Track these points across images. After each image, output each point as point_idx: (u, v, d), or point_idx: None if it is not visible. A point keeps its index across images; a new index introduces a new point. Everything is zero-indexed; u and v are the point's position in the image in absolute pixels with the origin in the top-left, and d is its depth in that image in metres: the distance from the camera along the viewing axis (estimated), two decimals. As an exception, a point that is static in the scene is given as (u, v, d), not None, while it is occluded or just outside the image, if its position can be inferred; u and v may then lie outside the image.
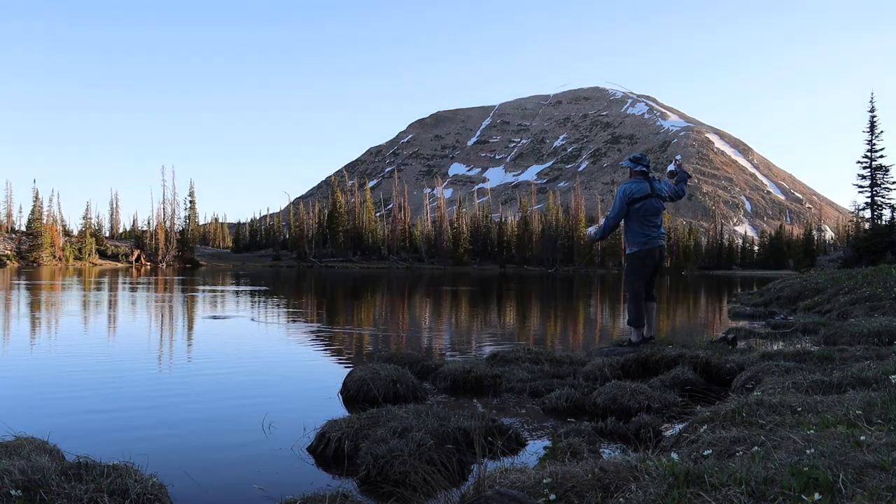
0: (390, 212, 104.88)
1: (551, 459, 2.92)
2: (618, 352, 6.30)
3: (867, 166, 38.07)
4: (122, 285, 25.77)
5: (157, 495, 2.57)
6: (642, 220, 6.59)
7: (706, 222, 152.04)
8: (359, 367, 5.22)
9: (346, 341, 8.82)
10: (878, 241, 31.64)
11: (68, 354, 7.21)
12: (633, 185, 6.58)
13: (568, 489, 2.26)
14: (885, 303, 10.64)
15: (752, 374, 4.85)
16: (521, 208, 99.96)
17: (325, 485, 2.96)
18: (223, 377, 5.97)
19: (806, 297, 15.07)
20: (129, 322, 11.29)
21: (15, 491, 2.37)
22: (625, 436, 3.83)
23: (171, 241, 79.67)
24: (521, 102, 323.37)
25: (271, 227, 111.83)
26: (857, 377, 3.92)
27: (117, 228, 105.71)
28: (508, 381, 5.45)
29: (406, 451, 3.16)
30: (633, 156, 6.79)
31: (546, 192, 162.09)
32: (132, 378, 5.82)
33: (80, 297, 17.85)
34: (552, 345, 8.74)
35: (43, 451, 2.94)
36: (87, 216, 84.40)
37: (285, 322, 11.31)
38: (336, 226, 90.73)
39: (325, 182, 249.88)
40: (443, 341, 9.09)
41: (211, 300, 17.17)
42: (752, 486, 1.98)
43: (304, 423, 4.03)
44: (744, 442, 2.68)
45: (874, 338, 6.66)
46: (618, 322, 12.48)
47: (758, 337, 8.32)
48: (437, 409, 3.88)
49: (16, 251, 68.42)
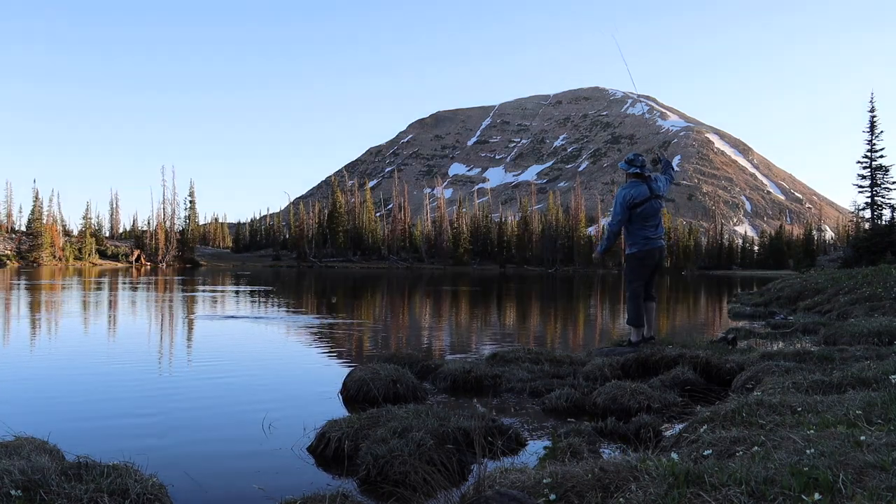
0: (390, 212, 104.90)
1: (551, 459, 2.92)
2: (618, 352, 6.30)
3: (867, 166, 38.09)
4: (122, 285, 25.77)
5: (157, 495, 2.57)
6: (643, 221, 6.59)
7: (706, 222, 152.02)
8: (359, 367, 5.23)
9: (347, 341, 8.82)
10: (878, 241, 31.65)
11: (68, 355, 7.21)
12: (633, 190, 6.56)
13: (568, 489, 2.26)
14: (885, 303, 10.63)
15: (752, 374, 4.85)
16: (521, 208, 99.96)
17: (325, 485, 2.96)
18: (223, 377, 5.97)
19: (806, 297, 15.07)
20: (129, 322, 11.29)
21: (15, 491, 2.37)
22: (625, 436, 3.83)
23: (171, 241, 79.68)
24: (521, 102, 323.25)
25: (271, 227, 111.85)
26: (857, 377, 3.92)
27: (117, 228, 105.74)
28: (508, 381, 5.45)
29: (406, 451, 3.16)
30: (627, 157, 6.76)
31: (546, 192, 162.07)
32: (132, 378, 5.82)
33: (80, 297, 17.85)
34: (552, 345, 8.74)
35: (43, 451, 2.94)
36: (87, 216, 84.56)
37: (285, 322, 11.31)
38: (336, 226, 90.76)
39: (325, 182, 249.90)
40: (443, 341, 9.09)
41: (211, 300, 17.17)
42: (752, 486, 1.98)
43: (304, 423, 4.03)
44: (744, 442, 2.68)
45: (874, 338, 6.65)
46: (618, 322, 12.49)
47: (758, 337, 8.32)
48: (437, 409, 3.88)
49: (16, 251, 68.43)
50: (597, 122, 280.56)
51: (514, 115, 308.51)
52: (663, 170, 7.09)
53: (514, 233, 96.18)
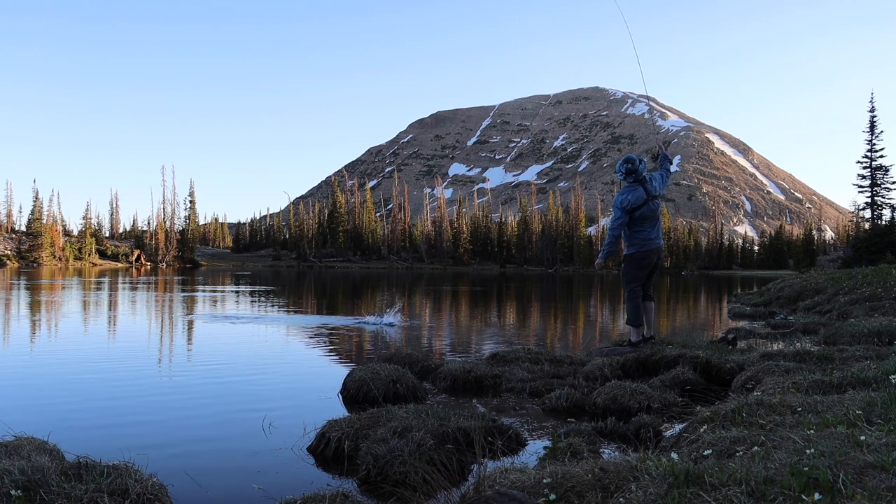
0: (390, 212, 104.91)
1: (551, 459, 2.92)
2: (618, 352, 6.31)
3: (867, 166, 38.12)
4: (122, 286, 25.77)
5: (157, 495, 2.57)
6: (641, 223, 6.59)
7: (706, 222, 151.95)
8: (359, 367, 5.22)
9: (346, 341, 8.82)
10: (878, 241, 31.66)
11: (68, 355, 7.21)
12: (630, 195, 6.54)
13: (568, 489, 2.26)
14: (885, 303, 10.64)
15: (752, 374, 4.85)
16: (521, 208, 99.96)
17: (325, 485, 2.96)
18: (223, 377, 5.97)
19: (806, 297, 15.07)
20: (129, 323, 11.29)
21: (15, 491, 2.37)
22: (625, 436, 3.83)
23: (171, 241, 79.69)
24: (521, 102, 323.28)
25: (271, 227, 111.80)
26: (857, 377, 3.92)
27: (117, 228, 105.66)
28: (508, 381, 5.45)
29: (406, 451, 3.16)
30: (626, 168, 6.62)
31: (546, 192, 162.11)
32: (132, 378, 5.82)
33: (80, 297, 17.85)
34: (552, 345, 8.74)
35: (43, 451, 2.94)
36: (87, 216, 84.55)
37: (285, 322, 11.31)
38: (336, 226, 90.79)
39: (325, 182, 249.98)
40: (443, 341, 9.09)
41: (211, 300, 17.17)
42: (752, 486, 1.98)
43: (305, 423, 4.03)
44: (744, 442, 2.68)
45: (874, 338, 6.66)
46: (618, 322, 12.49)
47: (758, 337, 8.32)
48: (437, 409, 3.88)
49: (16, 251, 68.43)
50: (597, 122, 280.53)
51: (514, 115, 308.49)
52: (660, 164, 7.00)
53: (514, 233, 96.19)
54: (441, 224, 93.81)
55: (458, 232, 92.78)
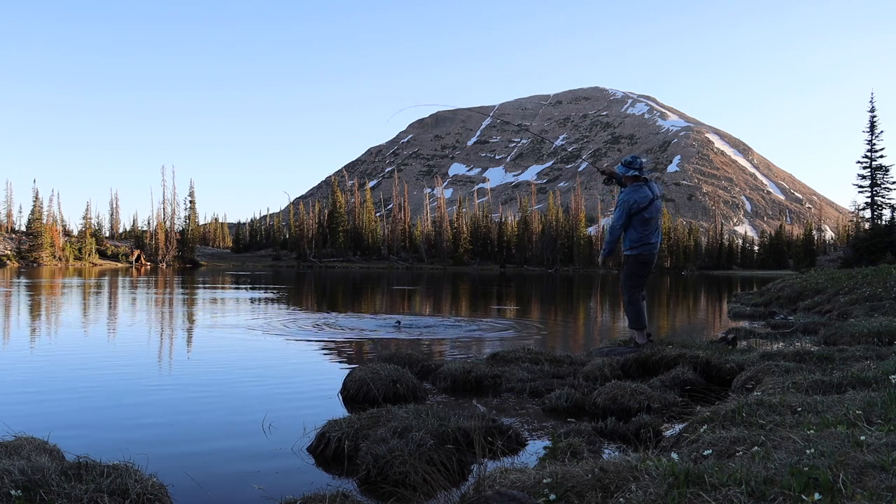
0: (390, 212, 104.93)
1: (551, 459, 2.92)
2: (618, 352, 6.31)
3: (867, 166, 38.13)
4: (122, 286, 25.77)
5: (157, 495, 2.57)
6: (644, 224, 6.59)
7: (706, 222, 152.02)
8: (359, 367, 5.22)
9: (346, 341, 8.81)
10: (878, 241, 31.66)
11: (68, 355, 7.21)
12: (635, 195, 6.54)
13: (568, 489, 2.26)
14: (885, 303, 10.63)
15: (752, 374, 4.85)
16: (521, 208, 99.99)
17: (325, 485, 2.96)
18: (223, 377, 5.97)
19: (806, 297, 15.06)
20: (129, 323, 11.29)
21: (15, 491, 2.37)
22: (625, 436, 3.83)
23: (171, 241, 79.70)
24: (521, 102, 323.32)
25: (271, 227, 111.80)
26: (857, 377, 3.92)
27: (117, 228, 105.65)
28: (508, 381, 5.45)
29: (406, 451, 3.15)
30: (624, 160, 6.69)
31: (546, 192, 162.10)
32: (132, 378, 5.82)
33: (80, 297, 17.85)
34: (552, 345, 8.74)
35: (43, 451, 2.94)
36: (87, 216, 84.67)
37: (285, 322, 11.30)
38: (336, 226, 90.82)
39: (325, 182, 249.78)
40: (443, 341, 9.08)
41: (211, 301, 17.17)
42: (752, 486, 1.98)
43: (304, 423, 4.03)
44: (744, 442, 2.68)
45: (874, 338, 6.65)
46: (618, 322, 12.48)
47: (758, 337, 8.32)
48: (437, 409, 3.88)
49: (16, 251, 68.43)
50: (597, 122, 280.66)
51: (514, 115, 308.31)
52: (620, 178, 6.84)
53: (513, 233, 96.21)
54: (441, 224, 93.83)
55: (458, 232, 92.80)
